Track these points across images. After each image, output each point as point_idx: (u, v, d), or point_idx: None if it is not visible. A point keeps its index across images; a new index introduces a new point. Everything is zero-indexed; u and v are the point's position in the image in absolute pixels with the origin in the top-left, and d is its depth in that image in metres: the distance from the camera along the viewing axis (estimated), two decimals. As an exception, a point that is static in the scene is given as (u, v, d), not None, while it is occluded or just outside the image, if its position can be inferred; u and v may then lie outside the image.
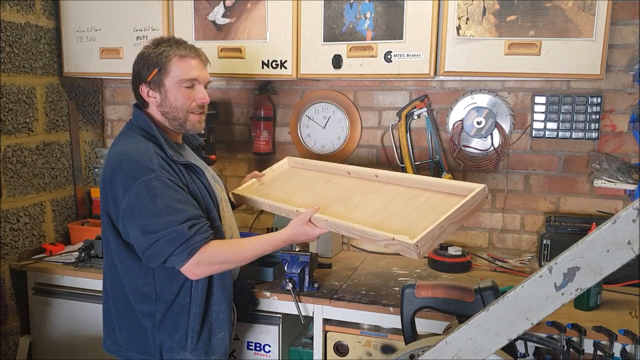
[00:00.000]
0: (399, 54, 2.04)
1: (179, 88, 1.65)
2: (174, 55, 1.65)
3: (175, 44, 1.68)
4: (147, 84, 1.67)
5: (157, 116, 1.70)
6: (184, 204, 1.54)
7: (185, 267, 1.54)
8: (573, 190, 2.29)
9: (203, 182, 1.68)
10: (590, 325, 1.70)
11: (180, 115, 1.67)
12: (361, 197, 1.73)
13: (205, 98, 1.69)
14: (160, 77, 1.65)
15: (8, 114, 2.30)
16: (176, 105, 1.66)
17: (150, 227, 1.50)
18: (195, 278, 1.59)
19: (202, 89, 1.69)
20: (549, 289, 1.03)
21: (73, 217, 2.68)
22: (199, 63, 1.69)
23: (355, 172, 1.88)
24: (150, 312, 1.63)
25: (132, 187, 1.52)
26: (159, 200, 1.50)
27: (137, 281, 1.62)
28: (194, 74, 1.66)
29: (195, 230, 1.52)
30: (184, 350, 1.63)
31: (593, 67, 1.89)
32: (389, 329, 1.95)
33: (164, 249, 1.51)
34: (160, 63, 1.64)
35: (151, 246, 1.52)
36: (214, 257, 1.55)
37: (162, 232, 1.50)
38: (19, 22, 2.35)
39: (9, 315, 2.34)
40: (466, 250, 2.31)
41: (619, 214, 0.95)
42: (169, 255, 1.52)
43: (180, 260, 1.52)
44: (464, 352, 1.14)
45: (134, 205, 1.52)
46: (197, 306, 1.62)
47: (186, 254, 1.51)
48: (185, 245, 1.51)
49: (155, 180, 1.52)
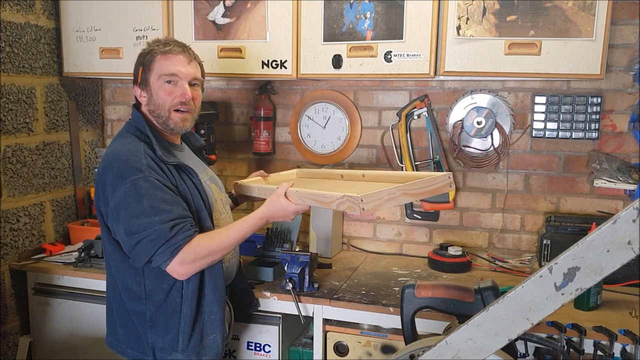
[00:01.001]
0: (399, 53, 2.04)
1: (161, 85, 1.65)
2: (158, 52, 1.65)
3: (165, 42, 1.67)
4: (138, 84, 1.68)
5: (148, 116, 1.70)
6: (170, 204, 1.54)
7: (169, 267, 1.54)
8: (573, 190, 2.29)
9: (195, 183, 1.67)
10: (590, 325, 1.70)
11: (163, 113, 1.66)
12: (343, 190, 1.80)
13: (185, 94, 1.66)
14: (146, 75, 1.66)
15: (8, 114, 2.30)
16: (158, 103, 1.66)
17: (134, 227, 1.51)
18: (182, 278, 1.58)
19: (184, 85, 1.66)
20: (549, 289, 1.03)
21: (73, 217, 2.68)
22: (183, 58, 1.66)
23: (346, 174, 1.96)
24: (141, 311, 1.63)
25: (120, 187, 1.53)
26: (144, 201, 1.51)
27: (128, 280, 1.63)
28: (174, 69, 1.64)
29: (177, 230, 1.52)
30: (175, 351, 1.63)
31: (593, 67, 1.89)
32: (389, 329, 1.95)
33: (147, 249, 1.52)
34: (146, 62, 1.65)
35: (135, 246, 1.53)
36: (198, 253, 1.54)
37: (144, 232, 1.50)
38: (19, 22, 2.35)
39: (8, 315, 2.34)
40: (466, 250, 2.31)
41: (619, 214, 0.95)
42: (152, 256, 1.52)
43: (163, 260, 1.53)
44: (464, 352, 1.14)
45: (120, 205, 1.53)
46: (188, 307, 1.61)
47: (169, 253, 1.51)
48: (167, 244, 1.51)
49: (142, 180, 1.52)
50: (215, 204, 1.74)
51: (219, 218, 1.75)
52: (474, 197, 2.41)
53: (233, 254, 1.81)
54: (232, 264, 1.81)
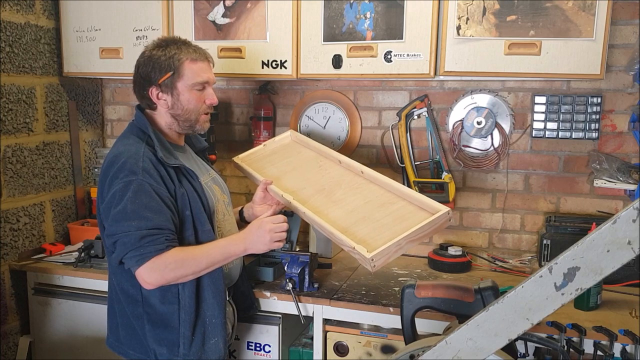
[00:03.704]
0: (399, 54, 2.04)
1: (191, 91, 1.67)
2: (185, 59, 1.66)
3: (184, 45, 1.68)
4: (157, 86, 1.66)
5: (166, 118, 1.70)
6: (152, 212, 1.53)
7: (137, 274, 1.54)
8: (573, 190, 2.29)
9: (194, 185, 1.67)
10: (590, 325, 1.70)
11: (192, 117, 1.70)
12: (344, 192, 1.82)
13: (215, 99, 1.72)
14: (173, 80, 1.66)
15: (8, 114, 2.30)
16: (189, 108, 1.68)
17: (112, 228, 1.54)
18: (149, 287, 1.57)
19: (211, 91, 1.72)
20: (549, 289, 1.03)
21: (73, 217, 2.68)
22: (207, 65, 1.71)
23: (345, 162, 1.94)
24: (138, 314, 1.64)
25: (112, 188, 1.55)
26: (129, 204, 1.52)
27: (124, 283, 1.64)
28: (205, 77, 1.69)
29: (148, 241, 1.51)
30: (176, 355, 1.63)
31: (593, 67, 1.89)
32: (389, 329, 1.95)
33: (119, 251, 1.54)
34: (174, 67, 1.65)
35: (112, 246, 1.55)
36: (168, 265, 1.53)
37: (119, 235, 1.52)
38: (19, 22, 2.35)
39: (8, 315, 2.34)
40: (466, 250, 2.31)
41: (619, 214, 0.95)
42: (122, 258, 1.54)
43: (130, 266, 1.54)
44: (464, 352, 1.14)
45: (109, 205, 1.55)
46: (186, 312, 1.61)
47: (134, 261, 1.52)
48: (134, 252, 1.51)
49: (134, 183, 1.53)
50: (217, 205, 1.74)
51: (220, 220, 1.75)
52: (474, 197, 2.41)
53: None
54: (235, 265, 1.81)
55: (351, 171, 1.91)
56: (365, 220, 1.67)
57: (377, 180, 1.82)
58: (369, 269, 1.53)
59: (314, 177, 1.92)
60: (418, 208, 1.66)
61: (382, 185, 1.80)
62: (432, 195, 2.03)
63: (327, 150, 2.04)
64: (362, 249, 1.53)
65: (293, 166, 2.01)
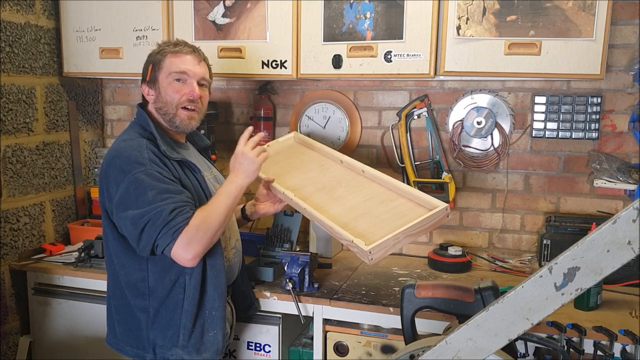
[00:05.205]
0: (399, 54, 2.04)
1: (170, 82, 1.67)
2: (168, 51, 1.69)
3: (175, 43, 1.72)
4: (146, 82, 1.71)
5: (154, 114, 1.73)
6: (172, 193, 1.54)
7: (174, 252, 1.52)
8: (573, 190, 2.29)
9: (197, 179, 1.69)
10: (590, 325, 1.70)
11: (170, 110, 1.69)
12: (345, 189, 1.83)
13: (193, 92, 1.68)
14: (155, 73, 1.69)
15: (8, 114, 2.30)
16: (167, 100, 1.68)
17: (137, 216, 1.51)
18: (190, 264, 1.55)
19: (193, 83, 1.69)
20: (549, 289, 1.03)
21: (73, 217, 2.68)
22: (192, 58, 1.70)
23: (347, 162, 1.95)
24: (144, 306, 1.64)
25: (123, 182, 1.54)
26: (148, 192, 1.52)
27: (132, 276, 1.64)
28: (184, 67, 1.68)
29: (177, 213, 1.51)
30: (175, 346, 1.64)
31: (593, 67, 1.89)
32: (389, 329, 1.95)
33: (150, 235, 1.51)
34: (156, 60, 1.69)
35: (140, 235, 1.52)
36: (199, 228, 1.52)
37: (147, 217, 1.50)
38: (19, 22, 2.35)
39: (8, 315, 2.34)
40: (466, 250, 2.31)
41: (619, 214, 0.95)
42: (155, 240, 1.51)
43: (166, 243, 1.51)
44: (464, 352, 1.14)
45: (124, 199, 1.54)
46: (189, 303, 1.62)
47: (170, 235, 1.50)
48: (167, 227, 1.50)
49: (143, 173, 1.53)
50: None
51: None
52: (474, 197, 2.41)
53: (235, 254, 1.81)
54: (234, 263, 1.81)
55: (352, 170, 1.92)
56: (364, 216, 1.68)
57: (378, 178, 1.83)
58: (367, 262, 1.54)
59: (316, 176, 1.93)
60: (417, 205, 1.68)
61: (382, 184, 1.81)
62: (432, 195, 2.01)
63: (330, 150, 2.04)
64: (360, 242, 1.54)
65: (295, 166, 2.02)
